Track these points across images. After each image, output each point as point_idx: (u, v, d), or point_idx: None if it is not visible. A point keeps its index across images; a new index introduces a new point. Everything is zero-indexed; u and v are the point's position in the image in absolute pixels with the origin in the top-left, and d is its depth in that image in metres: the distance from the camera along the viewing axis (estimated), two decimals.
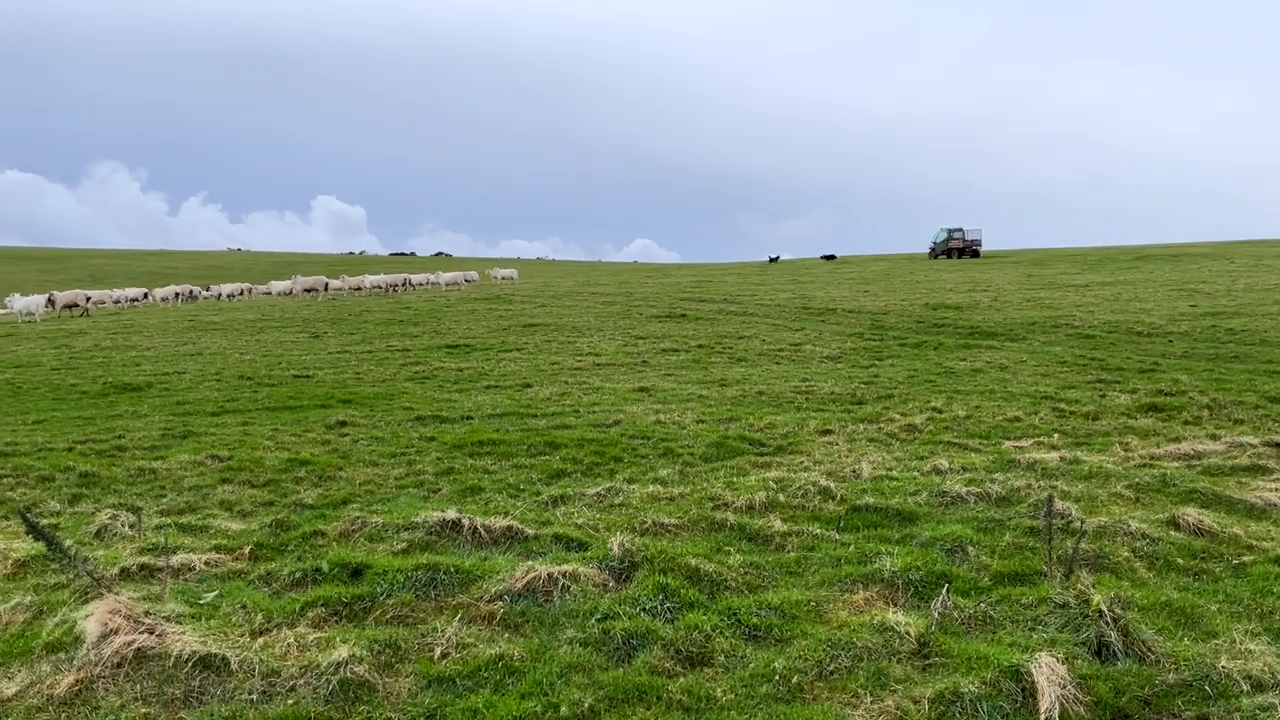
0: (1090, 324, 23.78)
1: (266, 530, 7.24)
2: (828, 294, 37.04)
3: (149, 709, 4.48)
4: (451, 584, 5.81)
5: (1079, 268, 51.22)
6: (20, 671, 4.86)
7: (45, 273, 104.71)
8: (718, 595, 5.56)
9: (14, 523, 7.86)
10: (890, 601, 5.45)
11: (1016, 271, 50.28)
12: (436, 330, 27.53)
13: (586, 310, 33.03)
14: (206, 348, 24.30)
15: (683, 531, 6.89)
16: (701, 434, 11.29)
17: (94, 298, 44.35)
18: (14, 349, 25.24)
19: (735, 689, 4.44)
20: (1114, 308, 27.78)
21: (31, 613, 5.60)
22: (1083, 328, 23.15)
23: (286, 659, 4.84)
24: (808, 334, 24.19)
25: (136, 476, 9.64)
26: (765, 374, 17.42)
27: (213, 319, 34.36)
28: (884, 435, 11.17)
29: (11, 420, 13.67)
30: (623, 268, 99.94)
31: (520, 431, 11.80)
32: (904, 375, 16.68)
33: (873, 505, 7.39)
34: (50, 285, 73.55)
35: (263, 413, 13.97)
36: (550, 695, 4.42)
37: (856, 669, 4.57)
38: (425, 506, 7.76)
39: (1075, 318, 25.16)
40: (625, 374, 17.92)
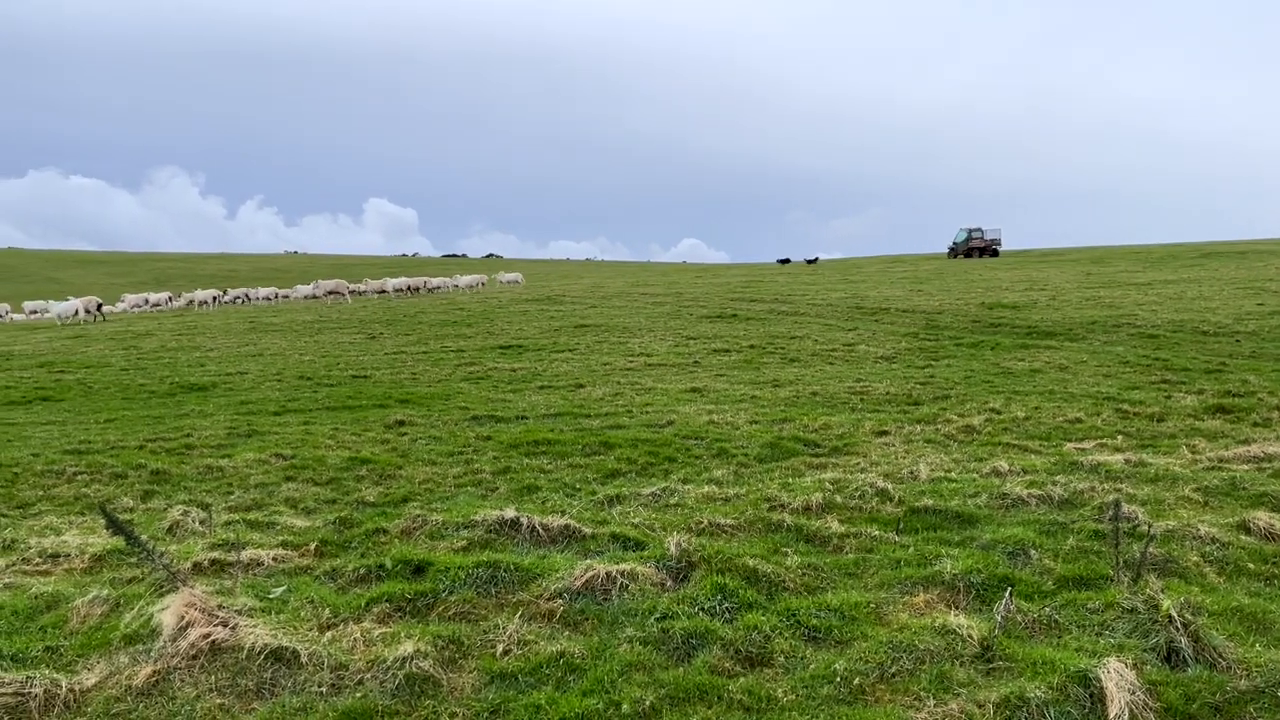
0: (1153, 323, 23.21)
1: (330, 527, 7.41)
2: (880, 293, 36.64)
3: (223, 700, 4.61)
4: (511, 581, 5.88)
5: (1140, 265, 50.00)
6: (99, 663, 5.03)
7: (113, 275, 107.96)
8: (776, 596, 5.56)
9: (90, 518, 8.16)
10: (951, 604, 5.40)
11: (1075, 270, 49.25)
12: (489, 331, 27.82)
13: (637, 311, 33.11)
14: (267, 349, 24.85)
15: (739, 532, 6.90)
16: (755, 434, 11.27)
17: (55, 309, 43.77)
18: (84, 350, 26.08)
19: (796, 690, 4.43)
20: (1178, 306, 27.07)
21: (109, 605, 5.79)
22: (1145, 327, 22.61)
23: (354, 653, 4.95)
24: (861, 334, 23.97)
25: (205, 474, 9.92)
26: (818, 374, 17.32)
27: (272, 320, 35.13)
28: (941, 436, 11.04)
29: (84, 419, 14.15)
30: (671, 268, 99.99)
31: (574, 431, 11.89)
32: (960, 376, 16.46)
33: (931, 507, 7.32)
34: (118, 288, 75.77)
35: (323, 412, 14.27)
36: (612, 693, 4.46)
37: (919, 672, 4.54)
38: (484, 505, 7.87)
39: (1138, 317, 24.57)
40: (677, 374, 17.95)
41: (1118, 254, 65.66)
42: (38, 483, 9.73)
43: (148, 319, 41.97)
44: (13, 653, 5.12)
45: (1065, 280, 40.74)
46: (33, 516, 8.43)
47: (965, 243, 70.64)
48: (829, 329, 25.34)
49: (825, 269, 67.18)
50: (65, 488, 9.50)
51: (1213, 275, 39.87)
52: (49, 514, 8.48)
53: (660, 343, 23.41)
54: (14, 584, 6.30)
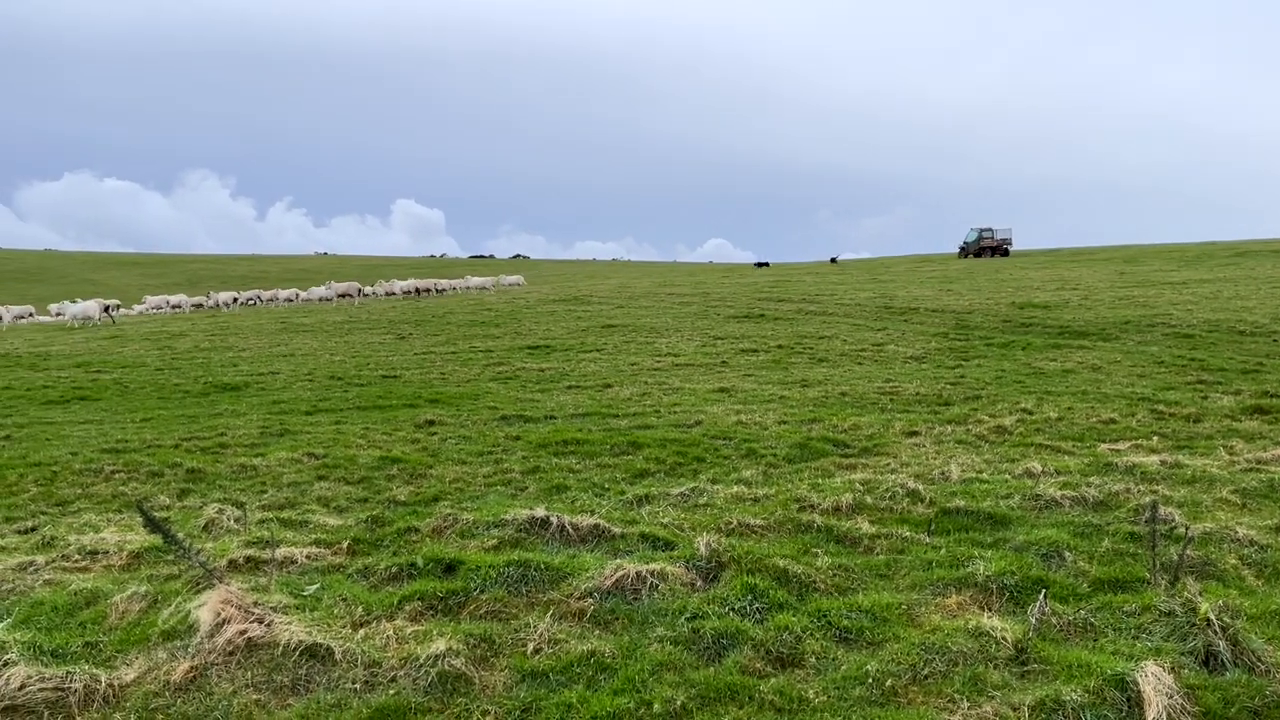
0: (1189, 323, 22.86)
1: (363, 525, 7.48)
2: (909, 293, 36.38)
3: (259, 695, 4.67)
4: (542, 580, 5.91)
5: (1175, 264, 49.27)
6: (138, 658, 5.11)
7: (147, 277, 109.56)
8: (806, 597, 5.55)
9: (128, 516, 8.28)
10: (984, 606, 5.36)
11: (1108, 269, 48.62)
12: (517, 331, 27.94)
13: (664, 311, 33.10)
14: (298, 349, 25.12)
15: (769, 532, 6.88)
16: (784, 435, 11.23)
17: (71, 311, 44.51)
18: (120, 350, 26.49)
19: (827, 691, 4.42)
20: (1214, 306, 26.64)
21: (147, 602, 5.88)
22: (1180, 327, 22.28)
23: (387, 650, 5.00)
24: (890, 334, 23.82)
25: (239, 473, 10.04)
26: (847, 374, 17.23)
27: (302, 321, 35.50)
28: (972, 437, 10.95)
29: (121, 418, 14.37)
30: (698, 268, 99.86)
31: (603, 431, 11.91)
32: (991, 376, 16.31)
33: (963, 508, 7.26)
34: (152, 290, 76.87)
35: (354, 412, 14.40)
36: (643, 692, 4.47)
37: (952, 674, 4.51)
38: (514, 504, 7.91)
39: (1172, 316, 24.21)
40: (705, 374, 17.93)
41: (1151, 253, 64.75)
42: (76, 481, 9.90)
43: (181, 319, 42.56)
44: (53, 648, 5.22)
45: (1097, 279, 40.23)
46: (72, 514, 8.58)
47: (976, 242, 71.46)
48: (857, 329, 25.20)
49: (853, 269, 66.80)
50: (103, 486, 9.66)
51: (1249, 274, 39.20)
52: (88, 511, 8.62)
53: (687, 343, 23.40)
54: (54, 580, 6.42)
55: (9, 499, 9.28)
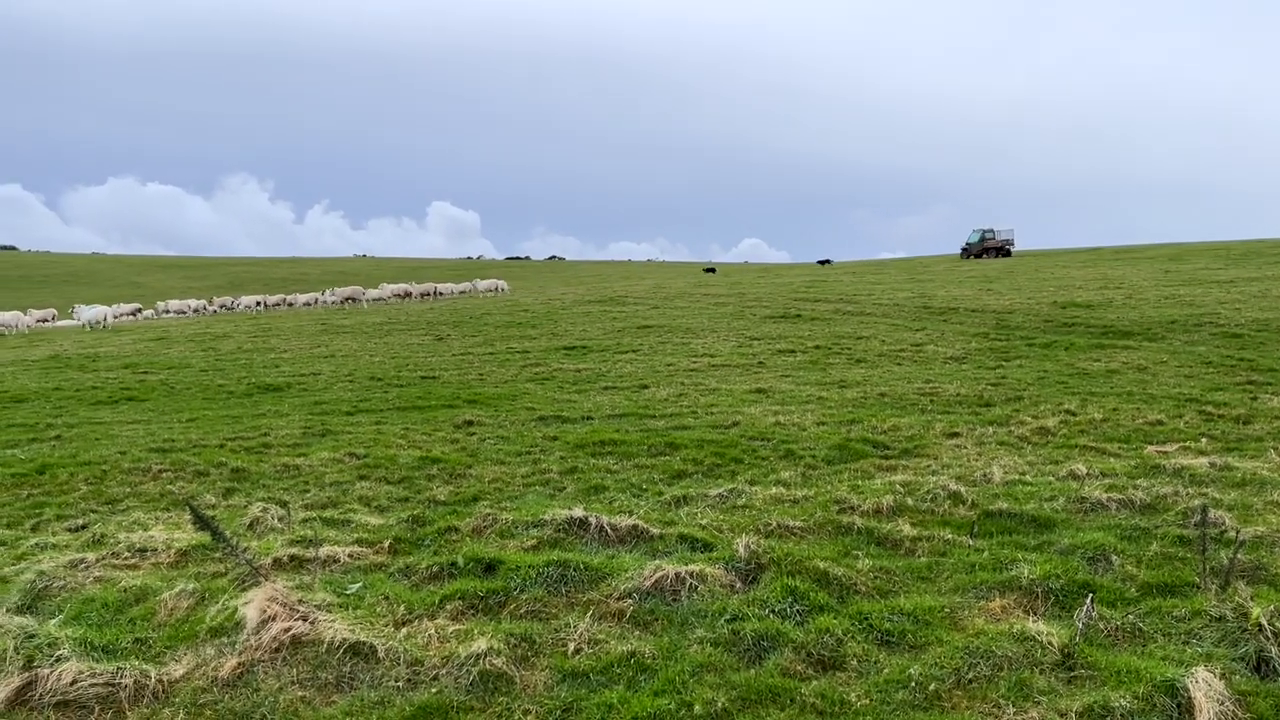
0: (1237, 322, 22.38)
1: (404, 525, 7.55)
2: (948, 292, 35.98)
3: (304, 692, 4.74)
4: (581, 581, 5.93)
5: (1222, 262, 48.21)
6: (186, 654, 5.20)
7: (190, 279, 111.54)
8: (847, 599, 5.51)
9: (175, 514, 8.44)
10: (1029, 610, 5.29)
11: (1152, 267, 47.72)
12: (553, 332, 28.04)
13: (699, 311, 33.04)
14: (338, 350, 25.42)
15: (808, 534, 6.84)
16: (823, 436, 11.17)
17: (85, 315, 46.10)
18: (166, 351, 27.00)
19: (870, 694, 4.39)
20: (1262, 305, 26.05)
21: (195, 599, 5.99)
22: (1228, 326, 21.81)
23: (428, 649, 5.04)
24: (929, 334, 23.58)
25: (282, 472, 10.19)
26: (886, 375, 17.09)
27: (342, 323, 35.93)
28: (1014, 438, 10.80)
29: (168, 419, 14.65)
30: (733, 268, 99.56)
31: (640, 432, 11.92)
32: (1033, 376, 16.08)
33: (1006, 511, 7.17)
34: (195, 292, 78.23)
35: (394, 412, 14.55)
36: (683, 693, 4.46)
37: (997, 678, 4.45)
38: (552, 504, 7.94)
39: (1220, 315, 23.71)
40: (741, 375, 17.87)
41: (1197, 250, 63.45)
42: (125, 480, 10.11)
43: (224, 321, 43.29)
44: (104, 644, 5.33)
45: (1142, 278, 39.51)
46: (121, 512, 8.76)
47: (979, 243, 72.49)
48: (896, 329, 24.98)
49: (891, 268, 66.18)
50: (151, 485, 9.86)
51: None
52: (136, 510, 8.80)
53: (724, 343, 23.34)
54: (104, 578, 6.54)
55: (60, 497, 9.50)
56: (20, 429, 14.17)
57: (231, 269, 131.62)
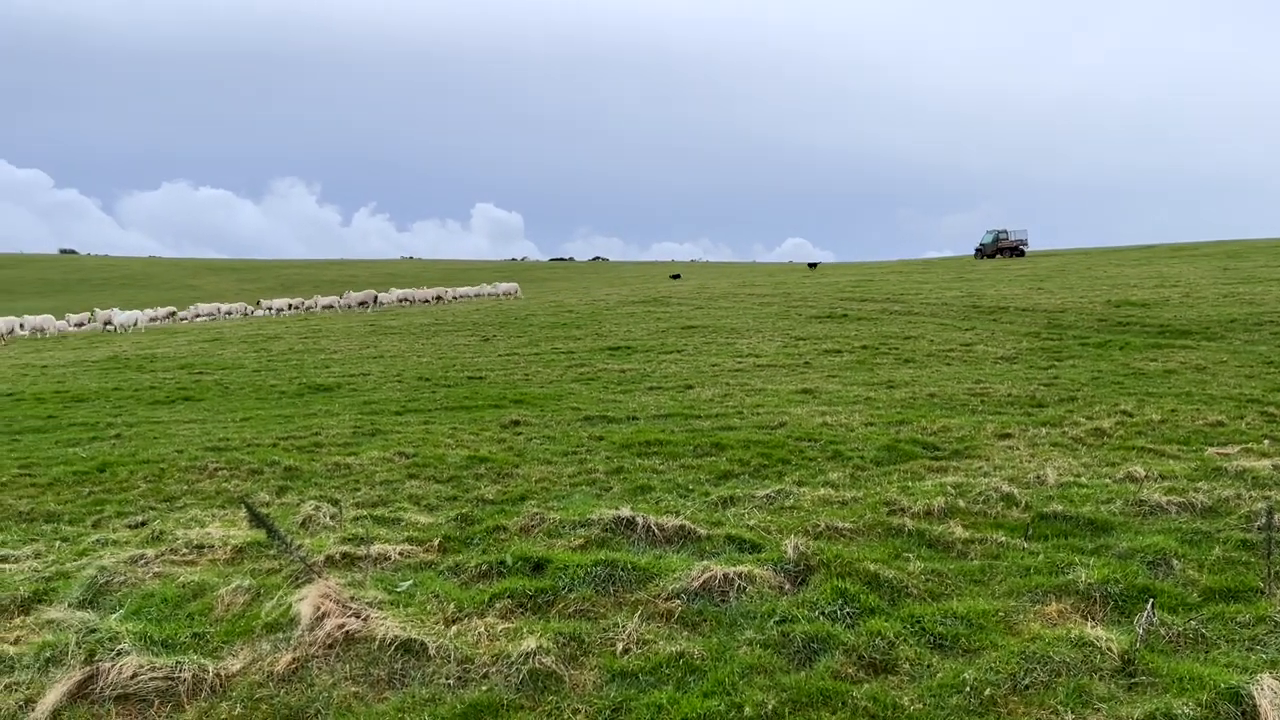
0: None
1: (453, 524, 7.62)
2: (998, 291, 35.42)
3: (357, 688, 4.80)
4: (629, 580, 5.93)
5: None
6: (243, 649, 5.30)
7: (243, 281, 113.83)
8: (899, 602, 5.44)
9: (230, 511, 8.61)
10: (1087, 615, 5.18)
11: (1209, 265, 46.52)
12: (598, 333, 28.12)
13: (744, 311, 32.92)
14: (387, 351, 25.76)
15: (858, 536, 6.77)
16: (871, 437, 11.05)
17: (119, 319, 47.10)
18: (220, 352, 27.57)
19: (923, 698, 4.32)
20: None
21: (250, 595, 6.10)
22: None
23: (478, 647, 5.08)
24: (979, 333, 23.23)
25: (333, 471, 10.34)
26: (935, 375, 16.86)
27: (390, 324, 36.39)
28: (1069, 440, 10.59)
29: (222, 418, 14.96)
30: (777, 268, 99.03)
31: (685, 432, 11.90)
32: (1087, 377, 15.76)
33: (1061, 513, 7.03)
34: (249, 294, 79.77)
35: (441, 412, 14.70)
36: (733, 695, 4.44)
37: (1054, 684, 4.36)
38: (599, 504, 7.95)
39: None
40: (787, 375, 17.76)
41: (1256, 247, 61.72)
42: (182, 478, 10.34)
43: (275, 323, 44.10)
44: (163, 639, 5.45)
45: (1199, 276, 38.53)
46: (178, 509, 8.96)
47: (993, 244, 72.98)
48: (944, 329, 24.65)
49: (939, 267, 65.31)
50: (207, 483, 10.07)
51: None
52: (193, 507, 8.99)
53: (769, 343, 23.22)
54: (163, 573, 6.69)
55: (120, 495, 9.74)
56: (81, 428, 14.57)
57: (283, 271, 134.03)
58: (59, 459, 11.72)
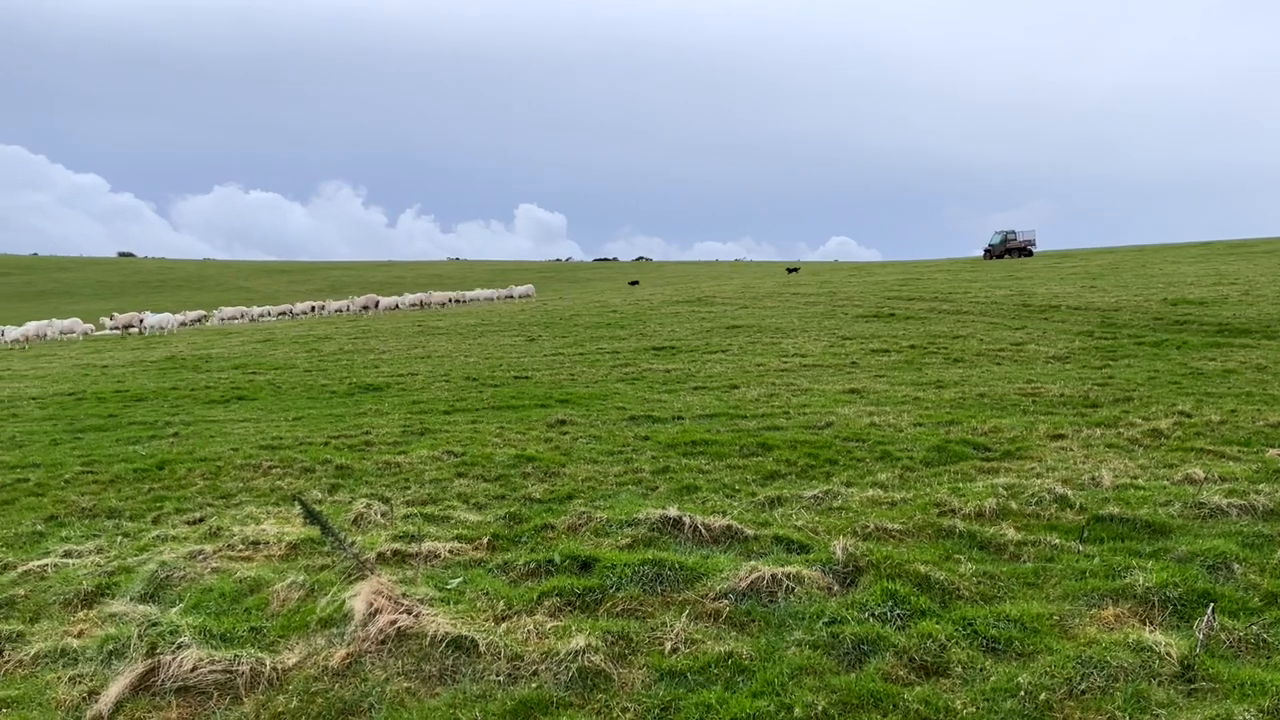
0: None
1: (501, 522, 7.68)
2: (1049, 290, 34.79)
3: (409, 684, 4.87)
4: (676, 580, 5.94)
5: None
6: (298, 644, 5.40)
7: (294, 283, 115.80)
8: (950, 604, 5.38)
9: (284, 509, 8.77)
10: (1144, 619, 5.08)
11: (1269, 262, 45.22)
12: (642, 333, 28.16)
13: (789, 311, 32.73)
14: (434, 351, 26.05)
15: (907, 537, 6.71)
16: (920, 437, 10.92)
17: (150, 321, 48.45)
18: (272, 353, 28.09)
19: (976, 702, 4.27)
20: None
21: (304, 590, 6.21)
22: None
23: (527, 645, 5.12)
24: (1029, 333, 22.85)
25: (384, 469, 10.49)
26: (985, 375, 16.62)
27: (437, 324, 36.79)
28: (1124, 441, 10.36)
29: (275, 417, 15.24)
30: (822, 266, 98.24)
31: (731, 432, 11.87)
32: (1143, 376, 15.42)
33: (1117, 515, 6.89)
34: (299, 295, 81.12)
35: (488, 411, 14.82)
36: (782, 696, 4.42)
37: (1112, 689, 4.28)
38: (645, 504, 7.97)
39: None
40: (834, 375, 17.62)
41: None
42: (237, 475, 10.56)
43: (325, 324, 44.82)
44: (221, 632, 5.57)
45: (1259, 273, 37.47)
46: (234, 506, 9.15)
47: (1002, 244, 74.25)
48: (994, 328, 24.28)
49: (988, 266, 64.31)
50: (262, 480, 10.27)
51: None
52: (248, 504, 9.18)
53: (814, 343, 23.06)
54: (220, 568, 6.85)
55: (179, 491, 9.97)
56: (140, 426, 14.94)
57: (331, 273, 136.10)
58: (120, 457, 12.04)
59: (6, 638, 5.84)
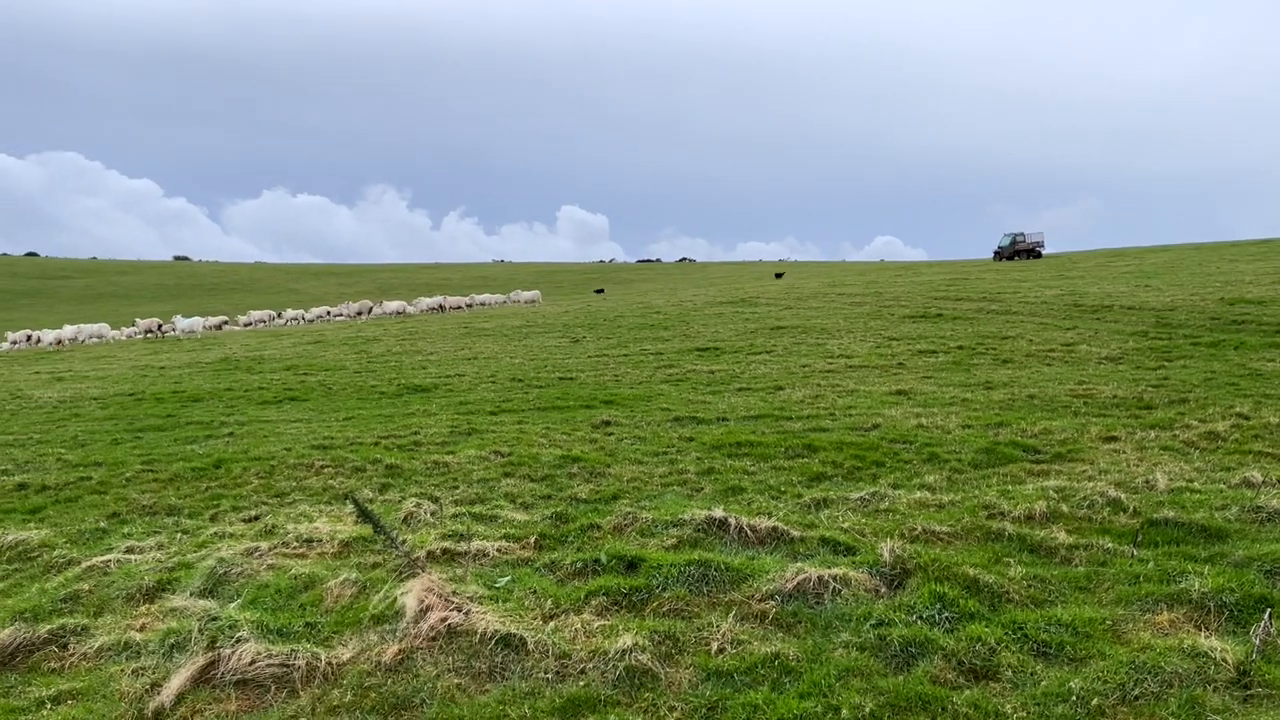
0: None
1: (548, 522, 7.76)
2: (1101, 289, 34.11)
3: (460, 680, 4.95)
4: (722, 581, 5.96)
5: None
6: (352, 639, 5.52)
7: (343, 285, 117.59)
8: (999, 607, 5.33)
9: (336, 507, 8.95)
10: (1200, 625, 4.99)
11: None
12: (686, 334, 28.15)
13: (834, 311, 32.50)
14: (480, 352, 26.31)
15: (956, 540, 6.65)
16: (968, 439, 10.80)
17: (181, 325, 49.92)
18: (322, 354, 28.59)
19: (1026, 707, 4.24)
20: None
21: (357, 587, 6.34)
22: None
23: (575, 643, 5.18)
24: (1081, 333, 22.44)
25: (432, 469, 10.64)
26: (1035, 376, 16.37)
27: (483, 326, 37.14)
28: (1180, 443, 10.15)
29: (326, 418, 15.53)
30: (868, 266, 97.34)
31: (776, 434, 11.84)
32: (1200, 378, 15.07)
33: (1172, 519, 6.77)
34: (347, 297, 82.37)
35: (534, 412, 14.95)
36: (829, 697, 4.43)
37: (1166, 695, 4.22)
38: (690, 505, 8.00)
39: None
40: (880, 376, 17.48)
41: None
42: (291, 474, 10.79)
43: (373, 326, 45.47)
44: (278, 627, 5.71)
45: None
46: (288, 505, 9.35)
47: (1011, 246, 74.94)
48: (1044, 328, 23.88)
49: (1037, 265, 63.21)
50: (314, 479, 10.48)
51: None
52: (302, 503, 9.38)
53: (860, 344, 22.88)
54: (276, 565, 7.01)
55: (235, 490, 10.22)
56: (197, 426, 15.32)
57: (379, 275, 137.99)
58: (178, 456, 12.36)
59: (72, 631, 6.04)
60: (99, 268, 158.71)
